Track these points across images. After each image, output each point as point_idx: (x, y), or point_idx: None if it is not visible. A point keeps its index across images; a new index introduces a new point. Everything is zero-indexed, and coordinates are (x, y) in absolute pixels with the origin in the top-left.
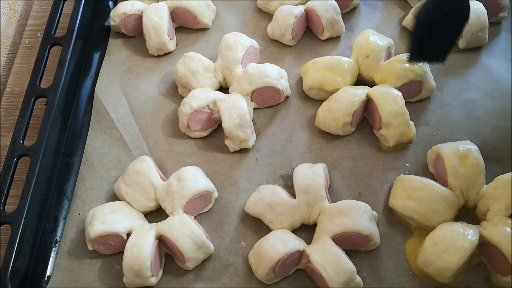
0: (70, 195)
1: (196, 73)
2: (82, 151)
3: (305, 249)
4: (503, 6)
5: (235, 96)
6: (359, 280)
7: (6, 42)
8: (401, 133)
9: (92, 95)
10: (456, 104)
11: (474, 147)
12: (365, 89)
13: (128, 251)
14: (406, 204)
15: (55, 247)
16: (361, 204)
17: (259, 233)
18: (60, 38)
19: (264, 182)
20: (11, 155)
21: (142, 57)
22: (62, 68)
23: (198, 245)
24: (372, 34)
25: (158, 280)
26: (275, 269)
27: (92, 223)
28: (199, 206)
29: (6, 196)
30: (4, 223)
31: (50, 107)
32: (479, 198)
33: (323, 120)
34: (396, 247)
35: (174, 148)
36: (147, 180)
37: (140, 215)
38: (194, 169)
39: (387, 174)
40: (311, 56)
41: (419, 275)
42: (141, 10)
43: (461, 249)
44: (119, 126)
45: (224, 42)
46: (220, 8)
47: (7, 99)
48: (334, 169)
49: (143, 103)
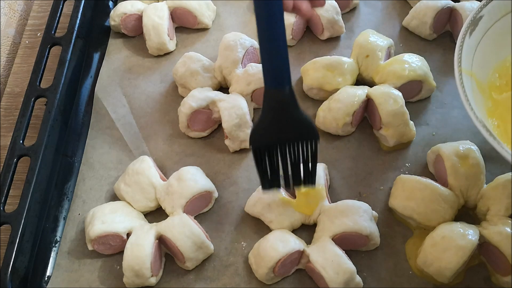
0: (70, 195)
1: (196, 73)
2: (82, 151)
3: (305, 249)
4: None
5: (235, 96)
6: (359, 280)
7: (6, 42)
8: (401, 133)
9: (92, 95)
10: (456, 104)
11: (474, 147)
12: (365, 89)
13: (128, 251)
14: (406, 204)
15: (55, 247)
16: (361, 204)
17: (259, 233)
18: (60, 38)
19: None
20: (11, 155)
21: (142, 57)
22: (62, 68)
23: (198, 245)
24: (372, 34)
25: (158, 280)
26: (275, 269)
27: (92, 223)
28: (199, 206)
29: (6, 196)
30: (4, 223)
31: (50, 107)
32: (479, 198)
33: (323, 120)
34: (396, 247)
35: (174, 148)
36: (147, 180)
37: (140, 215)
38: (194, 169)
39: (387, 174)
40: (311, 56)
41: (419, 275)
42: (141, 10)
43: (461, 249)
44: (119, 126)
45: (224, 42)
46: (220, 8)
47: (7, 99)
48: (334, 169)
49: (143, 103)
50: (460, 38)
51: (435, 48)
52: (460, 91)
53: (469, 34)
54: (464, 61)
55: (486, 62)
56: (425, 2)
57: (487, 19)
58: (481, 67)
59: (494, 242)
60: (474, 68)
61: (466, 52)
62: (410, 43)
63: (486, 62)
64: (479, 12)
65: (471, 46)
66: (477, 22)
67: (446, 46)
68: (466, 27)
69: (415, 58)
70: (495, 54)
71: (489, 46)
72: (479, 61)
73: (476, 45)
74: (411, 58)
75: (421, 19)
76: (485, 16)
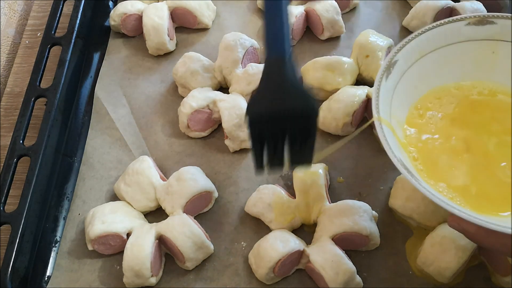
0: (70, 195)
1: (196, 73)
2: (82, 151)
3: (305, 249)
4: (503, 6)
5: (235, 96)
6: (359, 280)
7: (6, 42)
8: None
9: (92, 95)
10: None
11: None
12: (365, 89)
13: (128, 251)
14: (406, 204)
15: (55, 247)
16: (361, 204)
17: (259, 233)
18: (60, 38)
19: (264, 182)
20: (11, 155)
21: (142, 57)
22: (62, 68)
23: (198, 245)
24: (372, 34)
25: (158, 280)
26: (275, 269)
27: (92, 223)
28: (199, 206)
29: (6, 196)
30: (4, 223)
31: (50, 107)
32: None
33: (323, 120)
34: (396, 247)
35: (174, 148)
36: (147, 180)
37: (140, 215)
38: (194, 169)
39: (387, 174)
40: (311, 56)
41: (419, 275)
42: (141, 10)
43: (461, 249)
44: (119, 126)
45: (224, 42)
46: (220, 8)
47: (7, 99)
48: (334, 169)
49: (143, 103)
50: (377, 82)
51: None
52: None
53: (386, 77)
54: (382, 106)
55: (403, 103)
56: (425, 2)
57: (402, 63)
58: (400, 109)
59: None
60: (393, 110)
61: (383, 96)
62: None
63: (403, 104)
64: (394, 56)
65: (388, 89)
66: (393, 65)
67: None
68: (382, 71)
69: None
70: (412, 95)
71: (405, 89)
72: (397, 103)
73: (393, 88)
74: None
75: (421, 19)
76: (400, 60)
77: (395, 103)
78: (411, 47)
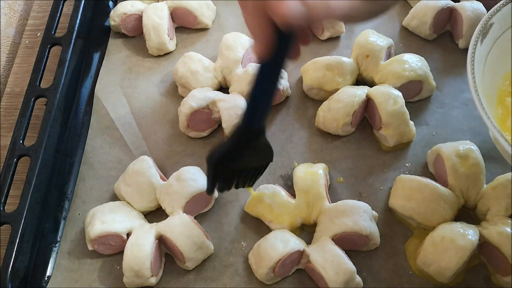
0: (70, 195)
1: (196, 73)
2: (82, 151)
3: (305, 249)
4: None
5: (235, 96)
6: (359, 280)
7: (6, 42)
8: (401, 133)
9: (92, 95)
10: (456, 104)
11: (474, 147)
12: (365, 89)
13: (128, 251)
14: (406, 204)
15: (55, 247)
16: (361, 204)
17: (259, 233)
18: (60, 38)
19: (264, 182)
20: (11, 155)
21: (142, 57)
22: (62, 68)
23: (198, 245)
24: (372, 34)
25: (158, 280)
26: (275, 269)
27: (92, 223)
28: (199, 206)
29: (6, 196)
30: (4, 223)
31: (50, 107)
32: (479, 198)
33: (323, 120)
34: (396, 247)
35: (174, 148)
36: (147, 180)
37: (140, 215)
38: (194, 169)
39: (387, 174)
40: (311, 56)
41: (419, 275)
42: (141, 10)
43: (461, 249)
44: (119, 126)
45: (224, 42)
46: (220, 8)
47: (7, 99)
48: (334, 169)
49: (143, 103)
50: (472, 46)
51: (435, 48)
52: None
53: (480, 41)
54: (476, 69)
55: (496, 71)
56: (425, 2)
57: (497, 27)
58: (491, 76)
59: (494, 242)
60: (485, 76)
61: (478, 60)
62: (410, 43)
63: (496, 71)
64: (490, 19)
65: (482, 54)
66: (488, 29)
67: (446, 46)
68: (477, 34)
69: (415, 58)
70: (505, 64)
71: (498, 55)
72: (489, 70)
73: (487, 53)
74: (411, 58)
75: (421, 19)
76: (495, 24)
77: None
78: (508, 10)
